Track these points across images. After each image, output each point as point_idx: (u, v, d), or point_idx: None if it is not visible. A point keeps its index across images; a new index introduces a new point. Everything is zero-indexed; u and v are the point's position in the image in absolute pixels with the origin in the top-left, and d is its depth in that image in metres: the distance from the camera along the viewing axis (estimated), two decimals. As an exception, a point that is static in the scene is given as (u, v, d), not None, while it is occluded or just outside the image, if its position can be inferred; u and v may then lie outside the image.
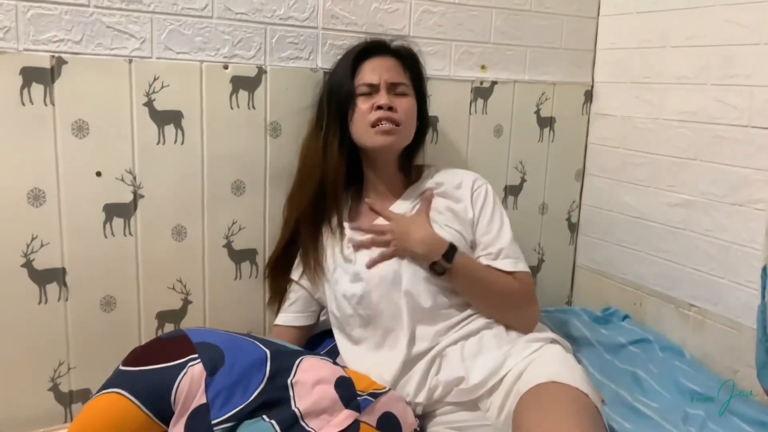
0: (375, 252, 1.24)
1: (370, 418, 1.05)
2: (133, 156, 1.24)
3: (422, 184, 1.34)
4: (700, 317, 1.50)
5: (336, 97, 1.29)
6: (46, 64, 1.15)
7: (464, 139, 1.59)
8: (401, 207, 1.31)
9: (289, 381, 1.04)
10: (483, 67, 1.59)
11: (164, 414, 0.99)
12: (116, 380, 1.01)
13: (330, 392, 1.04)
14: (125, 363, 1.03)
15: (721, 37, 1.43)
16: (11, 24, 1.12)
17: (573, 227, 1.82)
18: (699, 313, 1.51)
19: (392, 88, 1.27)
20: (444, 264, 1.18)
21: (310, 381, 1.05)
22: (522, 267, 1.25)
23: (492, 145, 1.63)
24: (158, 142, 1.26)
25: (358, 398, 1.06)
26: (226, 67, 1.30)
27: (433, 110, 1.52)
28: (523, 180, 1.70)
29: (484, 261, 1.24)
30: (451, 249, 1.19)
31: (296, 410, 1.01)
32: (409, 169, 1.36)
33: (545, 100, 1.69)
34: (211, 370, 1.01)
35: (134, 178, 1.24)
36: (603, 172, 1.75)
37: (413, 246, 1.20)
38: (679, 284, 1.55)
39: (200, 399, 0.99)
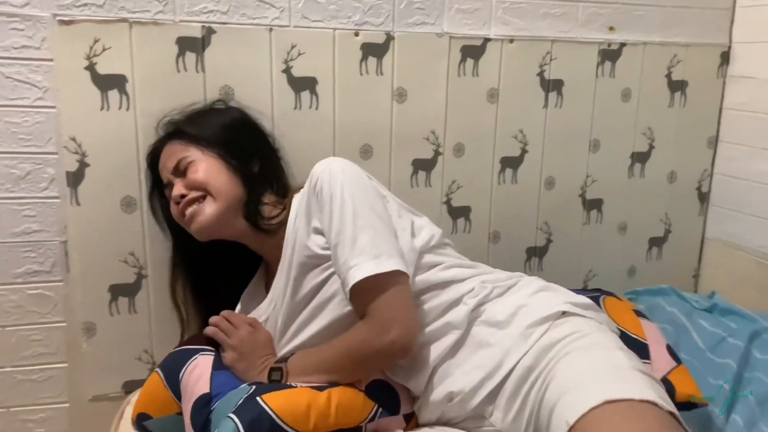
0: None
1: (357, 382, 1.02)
2: (273, 120, 1.32)
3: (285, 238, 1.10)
4: None
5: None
6: (198, 33, 1.24)
7: (590, 103, 1.55)
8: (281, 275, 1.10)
9: None
10: (611, 28, 1.53)
11: (179, 393, 1.07)
12: (162, 360, 1.12)
13: None
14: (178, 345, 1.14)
15: None
16: (169, -3, 1.22)
17: (703, 197, 1.73)
18: None
19: (177, 172, 1.12)
20: (275, 377, 1.02)
21: None
22: (361, 274, 0.94)
23: (619, 110, 1.58)
24: (295, 108, 1.33)
25: None
26: (356, 34, 1.34)
27: (558, 74, 1.50)
28: (651, 147, 1.63)
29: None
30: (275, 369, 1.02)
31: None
32: (272, 224, 1.12)
33: (677, 63, 1.61)
34: (218, 366, 1.07)
35: (274, 141, 1.32)
36: (738, 138, 1.65)
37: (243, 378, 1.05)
38: (826, 258, 1.44)
39: (204, 387, 1.03)
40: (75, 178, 1.22)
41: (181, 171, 1.12)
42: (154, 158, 1.21)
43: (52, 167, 1.22)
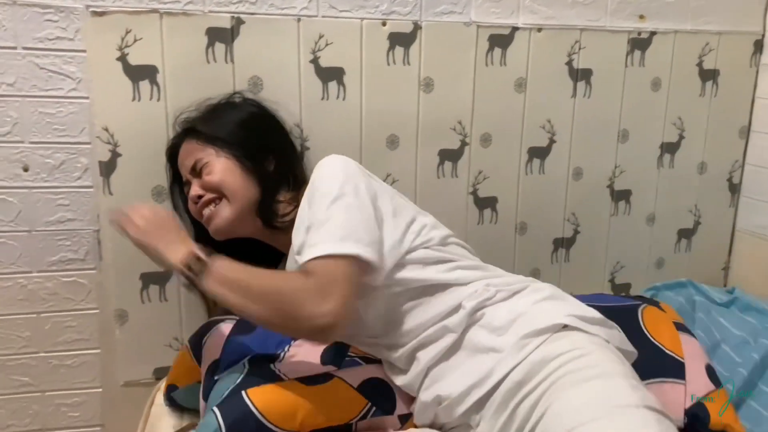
0: None
1: (349, 376, 0.99)
2: (300, 111, 1.32)
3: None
4: None
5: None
6: (227, 24, 1.25)
7: (619, 93, 1.53)
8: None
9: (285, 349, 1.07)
10: (641, 16, 1.51)
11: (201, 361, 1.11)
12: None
13: (314, 354, 1.02)
14: None
15: None
16: (199, -12, 1.23)
17: (734, 188, 1.70)
18: None
19: (195, 173, 1.13)
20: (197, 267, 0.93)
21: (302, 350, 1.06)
22: (317, 252, 0.90)
23: (649, 100, 1.56)
24: (322, 98, 1.33)
25: (346, 359, 1.03)
26: (384, 24, 1.34)
27: (586, 63, 1.48)
28: (681, 137, 1.61)
29: None
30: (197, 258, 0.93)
31: (272, 366, 1.01)
32: (285, 221, 1.12)
33: (709, 52, 1.58)
34: (234, 332, 1.09)
35: (301, 131, 1.33)
36: (771, 129, 1.62)
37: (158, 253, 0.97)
38: None
39: (215, 354, 1.05)
40: (107, 168, 1.24)
41: (197, 172, 1.13)
42: (173, 154, 1.22)
43: (85, 157, 1.24)
